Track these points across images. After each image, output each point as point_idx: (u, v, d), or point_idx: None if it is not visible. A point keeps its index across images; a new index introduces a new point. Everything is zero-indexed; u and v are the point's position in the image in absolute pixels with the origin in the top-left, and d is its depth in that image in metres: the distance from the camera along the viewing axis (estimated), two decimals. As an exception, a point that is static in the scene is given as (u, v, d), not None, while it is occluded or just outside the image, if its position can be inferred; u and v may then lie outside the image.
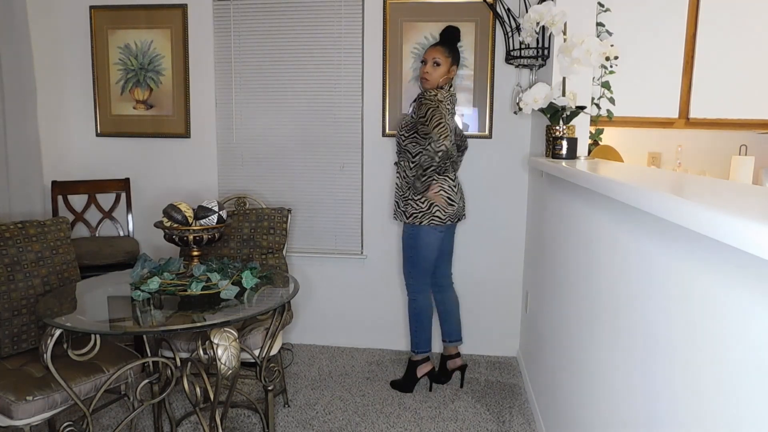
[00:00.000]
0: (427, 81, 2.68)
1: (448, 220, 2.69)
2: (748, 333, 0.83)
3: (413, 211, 2.68)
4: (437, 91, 2.62)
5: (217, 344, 1.76)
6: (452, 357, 2.91)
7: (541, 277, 2.57)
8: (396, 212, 2.80)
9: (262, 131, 3.30)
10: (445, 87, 2.69)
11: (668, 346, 1.11)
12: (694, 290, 1.01)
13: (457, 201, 2.72)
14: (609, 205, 1.54)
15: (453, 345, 2.92)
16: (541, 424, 2.38)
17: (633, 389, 1.31)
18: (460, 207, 2.75)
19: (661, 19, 2.66)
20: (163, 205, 2.30)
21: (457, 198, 2.73)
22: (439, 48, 2.69)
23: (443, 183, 2.67)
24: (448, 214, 2.68)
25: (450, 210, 2.68)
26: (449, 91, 2.69)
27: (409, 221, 2.70)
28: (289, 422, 2.51)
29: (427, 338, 2.85)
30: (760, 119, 2.70)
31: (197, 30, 3.24)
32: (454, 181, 2.72)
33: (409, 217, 2.69)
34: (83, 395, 1.89)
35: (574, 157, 2.25)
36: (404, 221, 2.74)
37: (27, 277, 2.07)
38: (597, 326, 1.63)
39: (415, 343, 2.85)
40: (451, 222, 2.72)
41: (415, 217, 2.68)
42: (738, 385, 0.85)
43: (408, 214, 2.70)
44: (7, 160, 2.90)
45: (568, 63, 2.26)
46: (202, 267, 2.12)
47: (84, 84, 3.37)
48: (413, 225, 2.70)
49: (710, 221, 0.80)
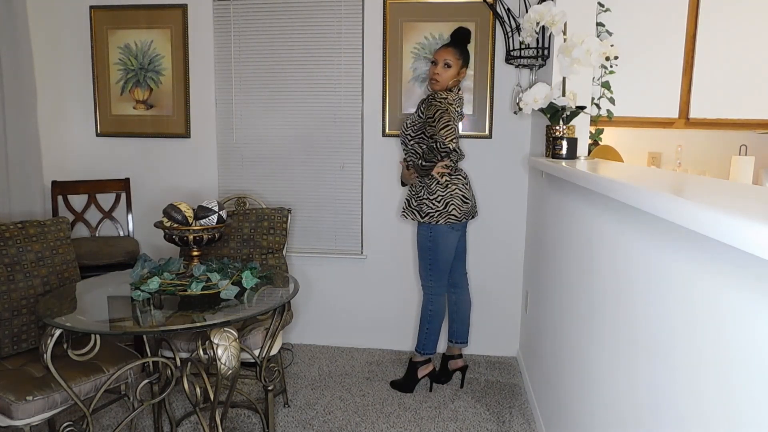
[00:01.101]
0: (437, 82, 2.65)
1: (464, 217, 2.69)
2: (748, 333, 0.83)
3: (429, 210, 2.64)
4: (447, 93, 2.62)
5: (217, 344, 1.76)
6: (454, 357, 2.91)
7: (541, 277, 2.57)
8: (406, 210, 2.75)
9: (262, 131, 3.30)
10: (454, 90, 2.68)
11: (668, 345, 1.11)
12: (694, 290, 1.01)
13: (470, 198, 2.74)
14: (609, 205, 1.54)
15: (458, 346, 2.92)
16: (541, 424, 2.38)
17: (633, 389, 1.31)
18: (473, 204, 2.78)
19: (661, 19, 2.66)
20: (163, 205, 2.30)
21: (470, 195, 2.74)
22: (450, 49, 2.66)
23: (457, 181, 2.68)
24: (463, 212, 2.68)
25: (465, 207, 2.69)
26: (457, 93, 2.70)
27: (425, 220, 2.66)
28: (289, 422, 2.51)
29: (435, 341, 2.84)
30: (760, 119, 2.70)
31: (197, 30, 3.24)
32: (466, 178, 2.75)
33: (425, 217, 2.65)
34: (83, 395, 1.89)
35: (574, 157, 2.25)
36: (419, 220, 2.69)
37: (27, 277, 2.07)
38: (597, 326, 1.63)
39: (423, 344, 2.82)
40: (466, 219, 2.73)
41: (431, 217, 2.64)
42: (739, 385, 0.85)
43: (423, 214, 2.65)
44: (7, 160, 2.90)
45: (568, 63, 2.26)
46: (202, 267, 2.12)
47: (84, 84, 3.37)
48: (429, 225, 2.66)
49: (710, 221, 0.80)
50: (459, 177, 2.71)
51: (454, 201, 2.64)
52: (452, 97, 2.62)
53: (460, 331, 2.93)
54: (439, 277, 2.77)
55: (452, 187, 2.65)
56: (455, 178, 2.68)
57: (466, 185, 2.72)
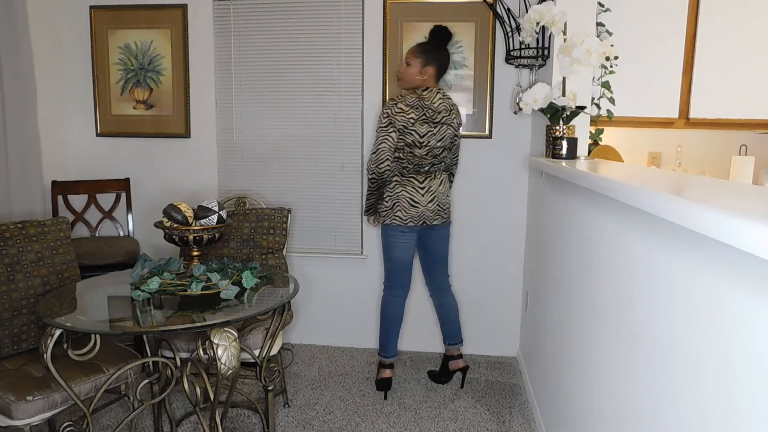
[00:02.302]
0: (399, 81, 2.73)
1: (410, 221, 2.67)
2: (748, 333, 0.83)
3: (381, 209, 2.75)
4: (403, 98, 2.60)
5: (217, 344, 1.76)
6: (454, 358, 2.90)
7: (541, 277, 2.57)
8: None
9: (262, 131, 3.30)
10: (419, 90, 2.62)
11: (668, 345, 1.11)
12: (694, 290, 1.01)
13: (421, 203, 2.67)
14: (609, 205, 1.54)
15: (454, 347, 2.91)
16: (541, 424, 2.38)
17: (633, 389, 1.31)
18: (426, 210, 2.68)
19: (661, 19, 2.66)
20: (163, 205, 2.30)
21: (424, 200, 2.67)
22: (413, 47, 2.68)
23: (407, 183, 2.67)
24: (410, 215, 2.66)
25: (412, 211, 2.66)
26: (420, 94, 2.60)
27: (380, 220, 2.78)
28: (289, 422, 2.51)
29: (388, 344, 2.80)
30: (760, 119, 2.70)
31: (197, 30, 3.24)
32: (422, 183, 2.67)
33: (380, 216, 2.77)
34: (83, 395, 1.89)
35: (574, 157, 2.25)
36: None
37: (27, 277, 2.07)
38: (597, 326, 1.63)
39: (379, 346, 2.84)
40: (413, 224, 2.68)
41: (382, 216, 2.75)
42: (739, 385, 0.85)
43: (379, 213, 2.78)
44: (7, 160, 2.90)
45: (568, 63, 2.26)
46: (202, 267, 2.12)
47: (84, 84, 3.37)
48: (383, 224, 2.76)
49: (710, 221, 0.80)
50: (412, 180, 2.66)
51: (400, 202, 2.66)
52: (405, 103, 2.58)
53: (451, 332, 2.91)
54: (390, 278, 2.79)
55: (400, 189, 2.67)
56: (406, 180, 2.67)
57: (418, 189, 2.66)
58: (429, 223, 2.70)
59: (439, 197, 2.73)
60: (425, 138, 2.61)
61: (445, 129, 2.66)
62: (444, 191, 2.76)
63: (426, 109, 2.61)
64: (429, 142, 2.62)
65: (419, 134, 2.60)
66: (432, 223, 2.71)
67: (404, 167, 2.66)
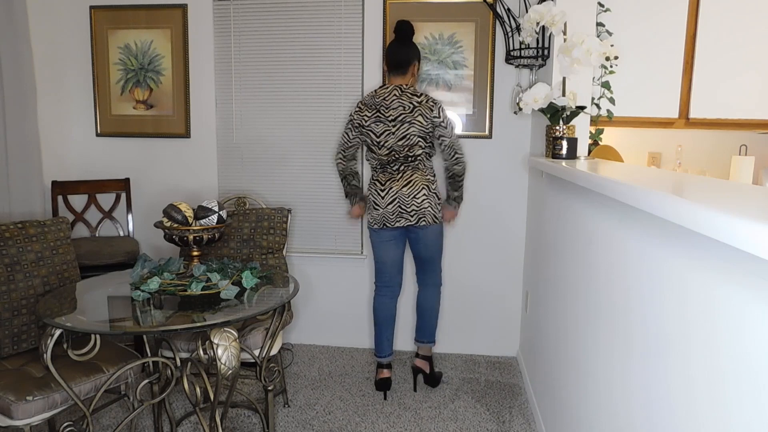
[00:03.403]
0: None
1: (375, 223, 2.71)
2: (748, 332, 0.83)
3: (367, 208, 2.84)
4: (363, 99, 2.72)
5: (217, 344, 1.76)
6: (418, 356, 2.87)
7: (541, 277, 2.57)
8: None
9: (262, 131, 3.30)
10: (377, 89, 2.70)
11: (667, 345, 1.11)
12: (694, 290, 1.01)
13: (380, 205, 2.67)
14: (609, 205, 1.54)
15: (423, 345, 2.87)
16: (541, 424, 2.38)
17: (633, 389, 1.31)
18: (386, 212, 2.65)
19: (661, 20, 2.66)
20: (163, 205, 2.30)
21: (383, 202, 2.66)
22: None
23: (372, 187, 2.73)
24: (374, 217, 2.71)
25: (375, 213, 2.71)
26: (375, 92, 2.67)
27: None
28: (289, 422, 2.51)
29: (380, 342, 2.80)
30: (760, 119, 2.70)
31: (197, 30, 3.24)
32: (383, 185, 2.67)
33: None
34: (83, 395, 1.89)
35: (574, 157, 2.25)
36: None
37: (27, 277, 2.07)
38: (597, 326, 1.63)
39: (374, 344, 2.84)
40: (378, 226, 2.70)
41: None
42: (739, 385, 0.85)
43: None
44: (7, 160, 2.90)
45: (568, 63, 2.26)
46: (202, 267, 2.12)
47: (84, 84, 3.37)
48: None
49: (710, 221, 0.80)
50: (376, 182, 2.71)
51: (369, 205, 2.75)
52: (364, 101, 2.70)
53: (421, 329, 2.87)
54: (376, 277, 2.84)
55: (370, 190, 2.75)
56: (373, 181, 2.73)
57: (380, 192, 2.67)
58: (390, 225, 2.68)
59: (402, 199, 2.63)
60: (382, 137, 2.62)
61: (406, 128, 2.59)
62: (410, 192, 2.63)
63: (379, 107, 2.63)
64: (387, 142, 2.62)
65: (375, 133, 2.63)
66: (394, 225, 2.67)
67: (373, 167, 2.74)
